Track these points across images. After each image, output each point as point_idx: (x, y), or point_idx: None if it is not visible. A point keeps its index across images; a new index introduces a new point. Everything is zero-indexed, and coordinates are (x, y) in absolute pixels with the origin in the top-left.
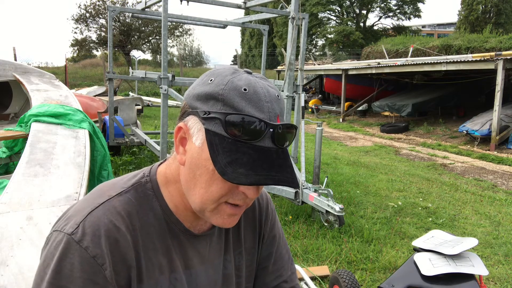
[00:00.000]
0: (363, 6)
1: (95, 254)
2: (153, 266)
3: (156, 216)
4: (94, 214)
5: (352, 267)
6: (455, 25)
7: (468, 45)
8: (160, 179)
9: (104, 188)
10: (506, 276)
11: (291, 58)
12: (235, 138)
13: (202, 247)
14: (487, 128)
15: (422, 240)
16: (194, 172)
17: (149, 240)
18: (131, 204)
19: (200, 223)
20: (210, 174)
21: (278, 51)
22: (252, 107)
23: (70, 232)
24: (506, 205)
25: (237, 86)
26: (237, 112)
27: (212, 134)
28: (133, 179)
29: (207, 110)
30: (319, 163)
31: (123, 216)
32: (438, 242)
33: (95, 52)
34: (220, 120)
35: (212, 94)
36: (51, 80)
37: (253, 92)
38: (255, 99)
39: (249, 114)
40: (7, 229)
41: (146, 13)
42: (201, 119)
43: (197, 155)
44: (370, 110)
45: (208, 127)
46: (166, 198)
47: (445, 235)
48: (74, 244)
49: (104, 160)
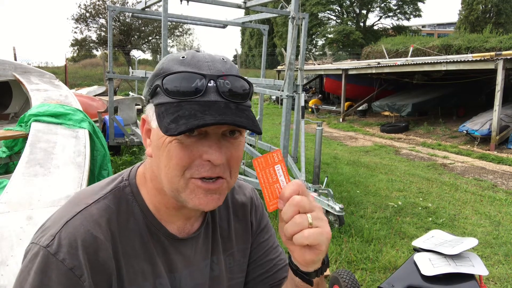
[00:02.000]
0: (363, 6)
1: (72, 266)
2: (135, 273)
3: (137, 221)
4: (70, 225)
5: (352, 267)
6: (455, 25)
7: (468, 45)
8: (140, 181)
9: (81, 195)
10: (506, 276)
11: (291, 58)
12: (177, 99)
13: (187, 250)
14: (487, 128)
15: (422, 240)
16: (158, 155)
17: (130, 246)
18: (110, 210)
19: (186, 224)
20: (167, 148)
21: (278, 51)
22: (191, 68)
23: (46, 244)
24: (506, 205)
25: (176, 56)
26: (172, 72)
27: (159, 106)
28: (111, 184)
29: (150, 87)
30: (319, 163)
31: (100, 224)
32: (438, 242)
33: (95, 52)
34: (160, 87)
35: (154, 73)
36: (51, 80)
37: (191, 57)
38: (193, 62)
39: (175, 71)
40: (7, 229)
41: (146, 13)
42: (150, 98)
43: (156, 136)
44: (370, 110)
45: (156, 103)
46: (146, 200)
47: (445, 235)
48: (50, 257)
49: (104, 160)
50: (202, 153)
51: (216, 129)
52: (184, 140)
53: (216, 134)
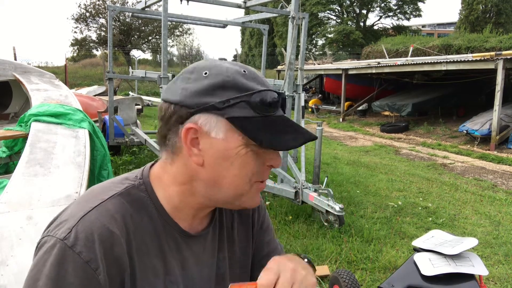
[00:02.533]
0: (363, 5)
1: (88, 259)
2: (147, 269)
3: (151, 219)
4: (87, 219)
5: (352, 267)
6: (455, 25)
7: (468, 45)
8: (154, 181)
9: (96, 191)
10: (506, 276)
11: (291, 58)
12: (262, 114)
13: (197, 247)
14: (487, 128)
15: (422, 240)
16: (222, 164)
17: (143, 243)
18: (125, 207)
19: (195, 222)
20: (242, 158)
21: (278, 51)
22: (258, 83)
23: (63, 237)
24: (506, 205)
25: (237, 70)
26: (259, 90)
27: (239, 119)
28: (125, 182)
29: (221, 100)
30: (319, 162)
31: (116, 219)
32: (438, 242)
33: (95, 51)
34: (247, 102)
35: (218, 84)
36: (51, 79)
37: (249, 71)
38: (254, 76)
39: (262, 89)
40: (7, 229)
41: (146, 13)
42: (218, 111)
43: (223, 147)
44: (370, 110)
45: (231, 115)
46: (161, 199)
47: (445, 235)
48: (67, 249)
49: (104, 160)
50: (269, 159)
51: None
52: (257, 150)
53: None
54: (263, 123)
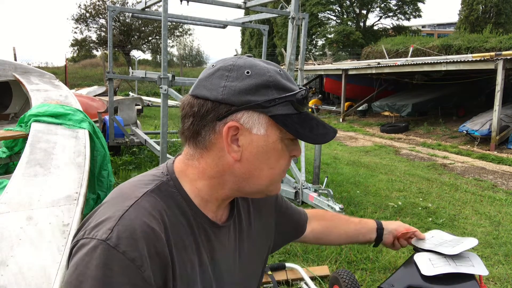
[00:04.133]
0: (363, 6)
1: (133, 257)
2: (184, 263)
3: (183, 213)
4: (126, 217)
5: (352, 267)
6: (455, 25)
7: (468, 45)
8: (181, 176)
9: (126, 190)
10: (506, 276)
11: (291, 58)
12: (298, 112)
13: (223, 237)
14: (487, 128)
15: (422, 240)
16: (261, 159)
17: (179, 237)
18: (159, 203)
19: (219, 213)
20: (279, 152)
21: (278, 51)
22: (291, 83)
23: (105, 238)
24: (506, 205)
25: (275, 70)
26: (300, 90)
27: (281, 117)
28: (154, 178)
29: (267, 99)
30: (319, 163)
31: (154, 216)
32: (438, 242)
33: (95, 52)
34: (291, 102)
35: (262, 84)
36: (51, 80)
37: (283, 71)
38: (288, 76)
39: (297, 90)
40: (7, 229)
41: (146, 13)
42: (263, 108)
43: (264, 142)
44: (370, 110)
45: (274, 113)
46: (190, 193)
47: (445, 235)
48: (111, 250)
49: (104, 160)
50: (293, 150)
51: None
52: (289, 145)
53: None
54: (298, 119)
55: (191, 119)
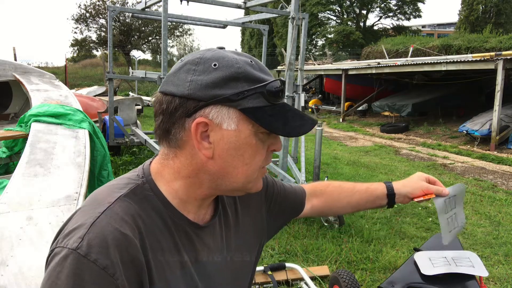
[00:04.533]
0: (363, 6)
1: (105, 265)
2: (162, 266)
3: (159, 216)
4: (97, 225)
5: (352, 267)
6: (455, 25)
7: (468, 45)
8: (156, 178)
9: (100, 196)
10: (506, 276)
11: (291, 58)
12: (272, 103)
13: (207, 237)
14: (487, 128)
15: (441, 199)
16: (234, 155)
17: (156, 241)
18: (133, 207)
19: (202, 213)
20: (253, 147)
21: (278, 51)
22: (265, 73)
23: (75, 247)
24: (506, 205)
25: (245, 61)
26: (272, 80)
27: (252, 110)
28: (129, 182)
29: (235, 92)
30: (319, 163)
31: (127, 221)
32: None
33: (95, 52)
34: (261, 93)
35: (230, 76)
36: (51, 80)
37: (255, 61)
38: (261, 67)
39: (270, 80)
40: (7, 229)
41: (146, 13)
42: (231, 102)
43: (235, 138)
44: (370, 110)
45: (244, 106)
46: (166, 195)
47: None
48: (81, 259)
49: (104, 160)
50: (270, 145)
51: None
52: (264, 138)
53: None
54: (272, 111)
55: (161, 117)
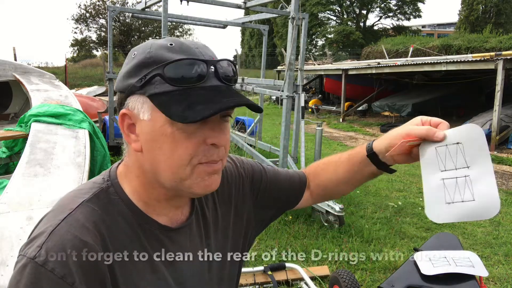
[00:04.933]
0: (363, 6)
1: (62, 274)
2: (130, 272)
3: (125, 220)
4: (56, 233)
5: (352, 267)
6: (455, 25)
7: (468, 45)
8: (122, 180)
9: (64, 202)
10: (506, 276)
11: (291, 58)
12: (181, 86)
13: (182, 239)
14: (487, 128)
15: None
16: (154, 147)
17: (122, 246)
18: (96, 213)
19: (177, 214)
20: (170, 138)
21: (278, 51)
22: (185, 55)
23: (33, 256)
24: (506, 205)
25: (162, 44)
26: (174, 60)
27: (158, 95)
28: (93, 187)
29: (138, 78)
30: None
31: (88, 228)
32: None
33: (95, 52)
34: (160, 75)
35: (140, 62)
36: (51, 80)
37: (179, 44)
38: (184, 48)
39: (176, 59)
40: (7, 229)
41: (146, 13)
42: (140, 90)
43: (151, 128)
44: (370, 110)
45: (151, 93)
46: (132, 198)
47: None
48: (39, 268)
49: (104, 160)
50: (206, 137)
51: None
52: (186, 128)
53: (216, 118)
54: (180, 95)
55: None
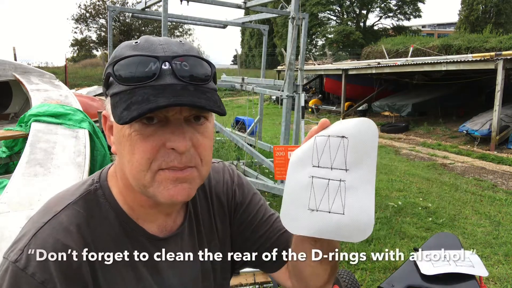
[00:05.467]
0: (363, 6)
1: (43, 279)
2: (114, 279)
3: (111, 225)
4: (38, 236)
5: (352, 267)
6: (455, 25)
7: (468, 45)
8: (111, 182)
9: (51, 203)
10: (506, 276)
11: (291, 58)
12: (131, 85)
13: (171, 248)
14: (487, 128)
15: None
16: (120, 150)
17: (105, 250)
18: (80, 216)
19: (169, 221)
20: (129, 141)
21: (278, 51)
22: (144, 52)
23: (14, 259)
24: (506, 205)
25: (129, 43)
26: (122, 57)
27: (113, 96)
28: (81, 188)
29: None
30: None
31: (71, 232)
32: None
33: (95, 52)
34: (111, 74)
35: (109, 63)
36: (51, 80)
37: (144, 41)
38: (146, 45)
39: (125, 56)
40: (7, 229)
41: (146, 13)
42: (106, 90)
43: (116, 130)
44: (370, 110)
45: (111, 93)
46: (120, 202)
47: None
48: (19, 272)
49: (104, 160)
50: (165, 141)
51: (177, 114)
52: (143, 130)
53: (178, 120)
54: (128, 96)
55: None
